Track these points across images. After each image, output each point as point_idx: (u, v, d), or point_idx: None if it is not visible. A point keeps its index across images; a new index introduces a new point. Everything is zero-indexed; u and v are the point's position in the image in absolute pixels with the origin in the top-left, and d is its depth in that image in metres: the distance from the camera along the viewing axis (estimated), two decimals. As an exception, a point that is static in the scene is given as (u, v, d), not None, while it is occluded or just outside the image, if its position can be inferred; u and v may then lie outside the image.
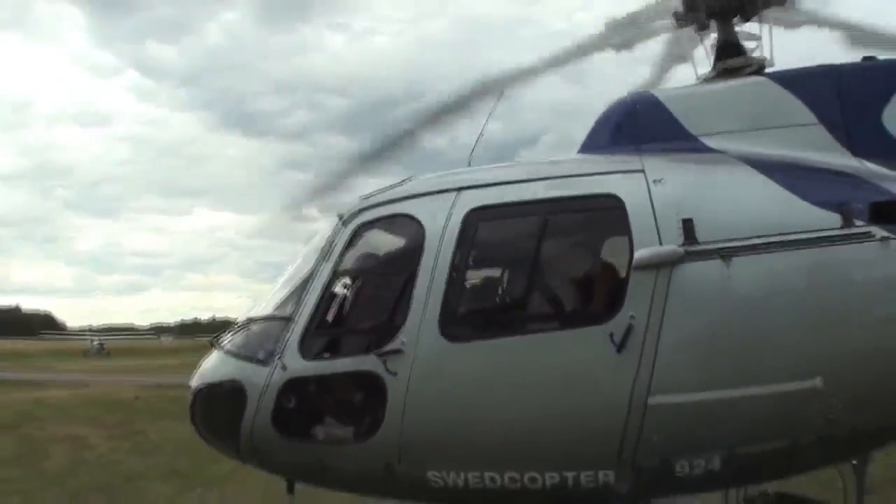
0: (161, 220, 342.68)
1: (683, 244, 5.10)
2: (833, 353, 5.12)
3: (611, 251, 5.59)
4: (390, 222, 5.76)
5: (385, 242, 5.96)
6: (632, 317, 4.97)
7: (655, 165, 5.60)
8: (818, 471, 6.30)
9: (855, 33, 7.13)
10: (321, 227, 6.21)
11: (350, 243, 5.56)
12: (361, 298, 5.85)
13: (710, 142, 5.96)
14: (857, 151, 5.86)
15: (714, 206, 5.37)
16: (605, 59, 7.35)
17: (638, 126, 6.14)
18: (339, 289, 5.72)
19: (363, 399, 5.52)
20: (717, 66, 7.00)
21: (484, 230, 5.46)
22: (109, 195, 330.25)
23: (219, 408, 5.79)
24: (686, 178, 5.58)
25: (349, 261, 5.61)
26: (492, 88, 6.81)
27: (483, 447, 5.21)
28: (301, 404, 5.41)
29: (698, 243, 5.10)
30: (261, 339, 5.68)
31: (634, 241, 5.13)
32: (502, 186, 5.68)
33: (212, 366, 5.91)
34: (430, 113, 7.15)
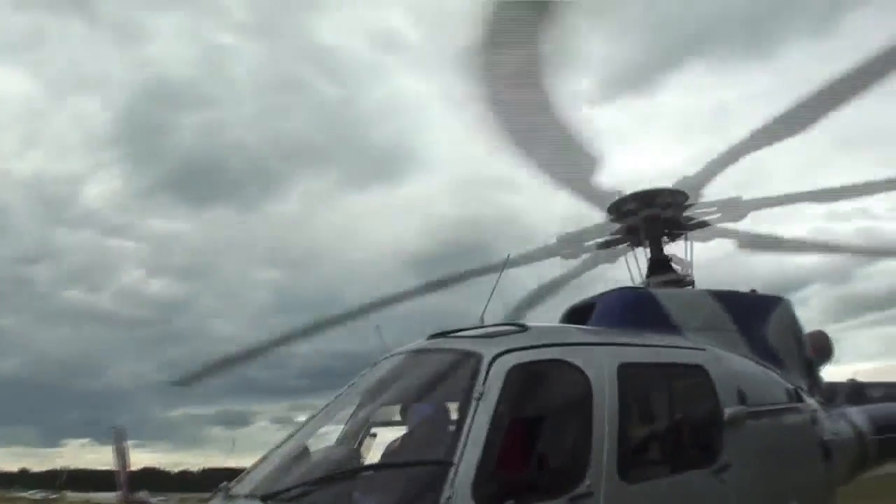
0: None
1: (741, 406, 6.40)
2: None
3: (708, 409, 6.46)
4: (548, 366, 5.63)
5: (546, 386, 5.68)
6: (727, 459, 6.01)
7: (705, 346, 6.87)
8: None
9: (754, 240, 9.13)
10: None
11: (506, 384, 5.18)
12: (535, 441, 5.39)
13: (687, 334, 7.10)
14: (754, 353, 7.54)
15: (742, 380, 6.75)
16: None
17: (642, 314, 7.17)
18: (502, 430, 5.14)
19: None
20: (651, 279, 8.30)
21: (631, 384, 5.77)
22: None
23: None
24: (723, 358, 6.89)
25: (510, 401, 5.19)
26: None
27: None
28: None
29: (746, 405, 6.42)
30: (403, 491, 4.92)
31: (721, 402, 6.29)
32: (634, 348, 6.34)
33: None
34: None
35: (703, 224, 8.60)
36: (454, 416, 5.29)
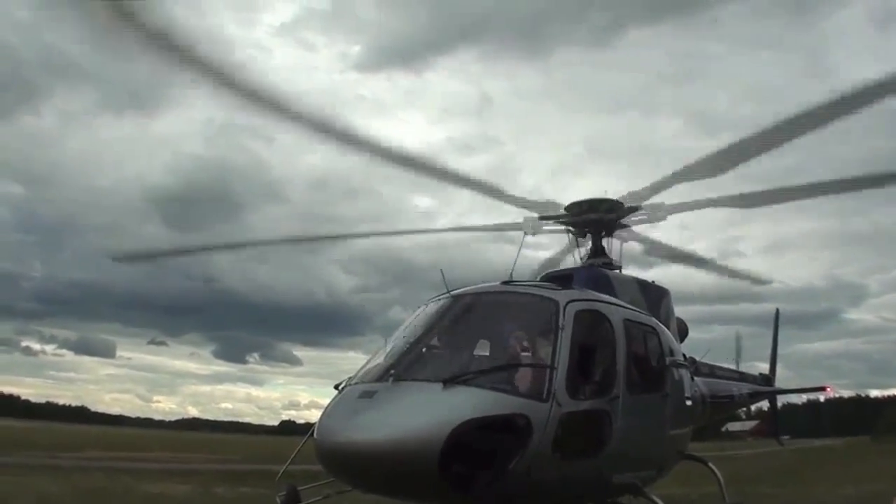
0: None
1: None
2: None
3: (660, 355, 9.45)
4: (590, 313, 8.27)
5: (592, 325, 8.20)
6: (667, 389, 9.27)
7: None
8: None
9: (659, 248, 12.80)
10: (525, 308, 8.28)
11: (574, 321, 7.75)
12: (590, 358, 7.95)
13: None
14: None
15: (669, 341, 10.00)
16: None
17: (601, 286, 9.90)
18: (576, 350, 7.59)
19: (600, 426, 7.67)
20: (590, 261, 11.37)
21: (628, 333, 8.54)
22: None
23: (500, 440, 6.78)
24: (661, 324, 10.26)
25: (576, 332, 7.69)
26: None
27: (640, 452, 8.53)
28: (572, 432, 7.18)
29: (673, 357, 9.85)
30: (530, 382, 7.22)
31: (665, 353, 9.53)
32: (626, 309, 9.16)
33: (475, 400, 6.69)
34: None
35: (629, 227, 11.85)
36: (540, 339, 7.83)
